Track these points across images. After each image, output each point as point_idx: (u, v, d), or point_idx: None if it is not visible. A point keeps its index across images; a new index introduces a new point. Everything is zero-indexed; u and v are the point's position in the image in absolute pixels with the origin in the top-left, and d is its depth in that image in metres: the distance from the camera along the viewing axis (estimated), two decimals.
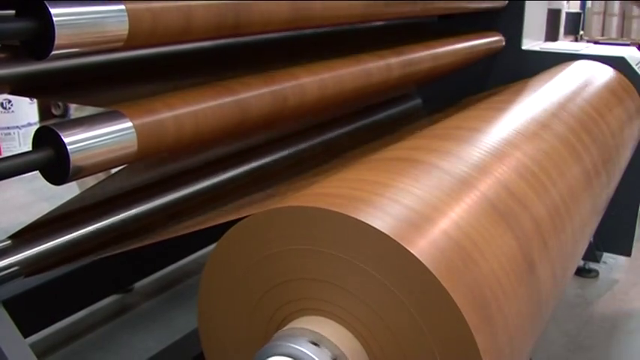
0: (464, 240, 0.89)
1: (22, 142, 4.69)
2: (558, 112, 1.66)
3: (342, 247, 0.84)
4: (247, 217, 0.91)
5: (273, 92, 1.30)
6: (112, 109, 1.04)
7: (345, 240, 0.84)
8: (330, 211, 0.84)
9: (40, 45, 0.92)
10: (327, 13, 1.41)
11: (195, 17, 1.09)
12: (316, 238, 0.86)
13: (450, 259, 0.84)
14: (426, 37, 2.09)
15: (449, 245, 0.86)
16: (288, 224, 0.88)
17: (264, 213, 0.90)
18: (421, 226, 0.86)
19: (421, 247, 0.82)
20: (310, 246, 0.86)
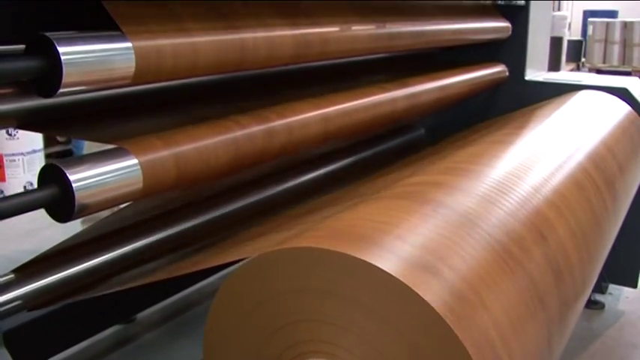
0: (472, 281, 0.89)
1: (26, 168, 4.69)
2: (564, 146, 1.66)
3: (349, 288, 0.83)
4: (254, 257, 0.90)
5: (277, 127, 1.29)
6: (117, 146, 1.04)
7: (352, 281, 0.83)
8: (337, 252, 0.83)
9: (48, 83, 0.93)
10: (331, 47, 1.42)
11: (201, 54, 1.09)
12: (323, 279, 0.85)
13: (458, 301, 0.83)
14: (429, 68, 2.10)
15: (457, 287, 0.85)
16: (295, 265, 0.87)
17: (270, 253, 0.89)
18: (429, 268, 0.85)
19: (429, 290, 0.81)
20: (318, 287, 0.86)
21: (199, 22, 1.11)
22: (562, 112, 2.06)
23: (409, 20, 1.77)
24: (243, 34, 1.18)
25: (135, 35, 0.99)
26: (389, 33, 1.64)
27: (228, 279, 0.94)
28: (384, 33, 1.62)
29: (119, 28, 0.99)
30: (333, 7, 1.47)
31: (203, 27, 1.11)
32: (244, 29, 1.19)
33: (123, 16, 1.00)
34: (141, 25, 1.02)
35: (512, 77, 2.64)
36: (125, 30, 0.99)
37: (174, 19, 1.07)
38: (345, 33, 1.47)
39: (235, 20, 1.18)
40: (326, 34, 1.41)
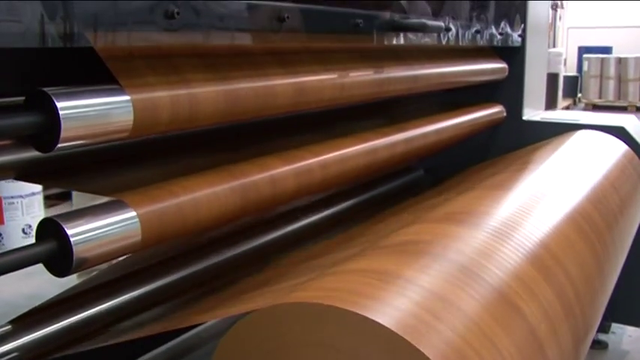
0: (474, 332, 0.88)
1: (25, 211, 4.68)
2: (563, 188, 1.66)
3: (350, 343, 0.82)
4: (253, 312, 0.89)
5: (275, 175, 1.29)
6: (115, 198, 1.04)
7: (353, 337, 0.82)
8: (338, 308, 0.82)
9: (46, 138, 0.93)
10: (330, 94, 1.43)
11: (200, 105, 1.09)
12: (324, 334, 0.84)
13: (459, 355, 0.82)
14: (427, 110, 2.11)
15: (459, 340, 0.84)
16: (295, 320, 0.86)
17: (270, 309, 0.88)
18: (430, 322, 0.84)
19: (430, 344, 0.80)
20: (319, 342, 0.84)
21: (197, 73, 1.12)
22: (560, 153, 2.06)
23: (406, 64, 1.78)
24: (241, 84, 1.19)
25: (133, 88, 1.00)
26: (387, 78, 1.65)
27: (227, 334, 0.93)
28: (381, 78, 1.63)
29: (117, 81, 0.99)
30: (331, 55, 1.48)
31: (201, 78, 1.12)
32: (242, 79, 1.19)
33: (121, 69, 1.00)
34: (139, 78, 1.02)
35: (509, 117, 2.65)
36: (123, 83, 0.99)
37: (172, 71, 1.08)
38: (343, 80, 1.48)
39: (233, 70, 1.19)
40: (324, 81, 1.41)
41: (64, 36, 0.89)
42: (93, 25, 0.93)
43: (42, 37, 0.86)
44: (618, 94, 10.64)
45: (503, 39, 2.45)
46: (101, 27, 0.94)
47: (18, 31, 0.83)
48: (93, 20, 0.92)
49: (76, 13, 0.89)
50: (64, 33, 0.88)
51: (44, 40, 0.86)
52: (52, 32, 0.87)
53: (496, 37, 2.39)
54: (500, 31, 2.41)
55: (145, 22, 0.99)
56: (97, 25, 0.93)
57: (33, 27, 0.84)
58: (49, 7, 0.85)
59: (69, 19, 0.89)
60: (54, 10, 0.86)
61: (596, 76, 10.71)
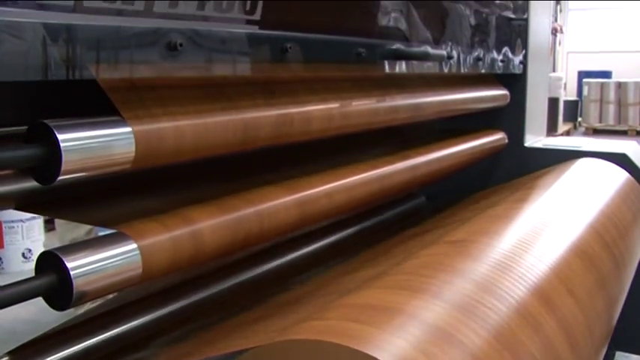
0: None
1: (25, 235, 4.67)
2: (565, 218, 1.65)
3: None
4: (251, 350, 0.88)
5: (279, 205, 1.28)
6: (116, 230, 1.03)
7: None
8: (338, 345, 0.81)
9: (47, 170, 0.92)
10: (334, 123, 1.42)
11: (202, 136, 1.09)
12: None
13: None
14: (429, 137, 2.11)
15: None
16: (295, 357, 0.85)
17: (269, 346, 0.87)
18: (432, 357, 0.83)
19: None
20: None
21: (201, 104, 1.11)
22: (562, 182, 2.06)
23: (408, 92, 1.78)
24: (246, 114, 1.18)
25: (135, 120, 0.99)
26: (389, 106, 1.65)
27: None
28: (384, 107, 1.63)
29: (119, 112, 0.98)
30: (334, 84, 1.48)
31: (205, 109, 1.11)
32: (246, 109, 1.19)
33: (123, 100, 0.99)
34: (141, 109, 1.01)
35: (511, 144, 2.65)
36: (125, 115, 0.98)
37: (175, 102, 1.07)
38: (346, 109, 1.48)
39: (237, 100, 1.18)
40: (328, 110, 1.41)
41: (67, 68, 0.88)
42: (95, 56, 0.92)
43: (44, 69, 0.85)
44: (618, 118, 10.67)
45: (505, 66, 2.46)
46: (104, 59, 0.94)
47: (20, 64, 0.83)
48: (95, 52, 0.92)
49: (79, 44, 0.89)
50: (66, 65, 0.88)
51: (46, 72, 0.86)
52: (54, 65, 0.86)
53: (498, 64, 2.39)
54: (501, 58, 2.42)
55: (147, 53, 0.99)
56: (100, 57, 0.93)
57: (35, 60, 0.84)
58: (50, 40, 0.85)
59: (71, 51, 0.88)
60: (56, 42, 0.86)
61: (597, 100, 10.74)
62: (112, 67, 0.96)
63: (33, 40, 0.84)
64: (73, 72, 0.89)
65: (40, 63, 0.85)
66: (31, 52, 0.84)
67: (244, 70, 1.18)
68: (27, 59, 0.83)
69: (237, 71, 1.16)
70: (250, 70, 1.19)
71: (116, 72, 0.96)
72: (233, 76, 1.17)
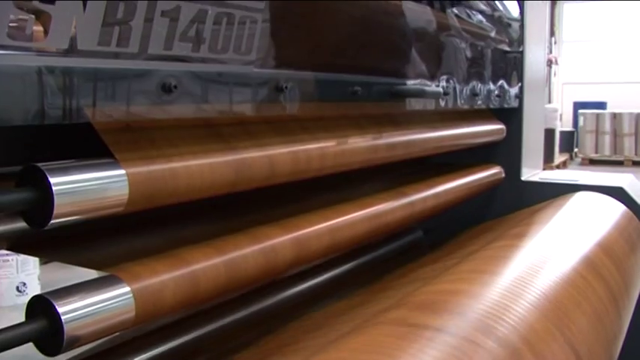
0: None
1: (19, 269, 4.64)
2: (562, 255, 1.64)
3: None
4: None
5: (274, 245, 1.27)
6: (108, 274, 1.01)
7: None
8: None
9: (39, 214, 0.91)
10: (329, 162, 1.42)
11: (197, 177, 1.08)
12: None
13: None
14: (425, 173, 2.10)
15: None
16: None
17: None
18: None
19: None
20: None
21: (195, 145, 1.10)
22: (559, 217, 2.05)
23: (405, 129, 1.78)
24: (239, 154, 1.17)
25: (128, 162, 0.98)
26: (385, 144, 1.65)
27: None
28: (380, 144, 1.63)
29: (112, 155, 0.97)
30: (329, 122, 1.48)
31: (199, 150, 1.10)
32: (240, 150, 1.18)
33: (116, 142, 0.99)
34: (134, 151, 1.01)
35: (508, 177, 2.65)
36: (118, 157, 0.97)
37: (168, 143, 1.07)
38: (342, 147, 1.47)
39: (231, 141, 1.18)
40: (322, 149, 1.40)
41: (62, 113, 0.88)
42: (89, 99, 0.92)
43: (41, 114, 0.85)
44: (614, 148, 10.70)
45: (501, 100, 2.46)
46: (97, 101, 0.93)
47: (16, 109, 0.82)
48: (89, 94, 0.92)
49: (73, 87, 0.89)
50: (62, 109, 0.88)
51: (42, 117, 0.85)
52: (49, 109, 0.86)
53: (494, 99, 2.40)
54: (497, 93, 2.42)
55: (142, 95, 0.98)
56: (94, 99, 0.93)
57: (30, 105, 0.83)
58: (44, 83, 0.85)
59: (65, 94, 0.88)
60: (50, 85, 0.85)
61: (592, 131, 10.79)
62: (106, 109, 0.95)
63: (27, 83, 0.83)
64: (66, 115, 0.89)
65: (34, 107, 0.84)
66: (24, 96, 0.83)
67: (240, 110, 1.18)
68: (20, 104, 0.83)
69: (233, 111, 1.16)
70: (246, 110, 1.19)
71: (110, 114, 0.96)
72: (228, 116, 1.16)
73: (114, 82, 0.94)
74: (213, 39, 1.07)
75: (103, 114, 0.95)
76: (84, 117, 0.91)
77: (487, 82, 2.33)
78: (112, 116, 0.96)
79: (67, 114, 0.89)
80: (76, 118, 0.90)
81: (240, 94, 1.16)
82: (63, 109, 0.88)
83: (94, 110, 0.93)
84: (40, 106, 0.85)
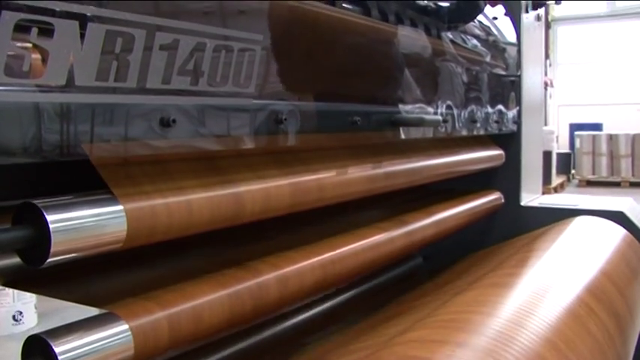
0: None
1: (16, 298, 4.60)
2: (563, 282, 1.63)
3: None
4: None
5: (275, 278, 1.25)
6: (106, 311, 0.99)
7: None
8: None
9: (36, 252, 0.89)
10: (329, 193, 1.41)
11: (195, 211, 1.06)
12: None
13: None
14: (425, 200, 2.09)
15: None
16: None
17: None
18: None
19: None
20: None
21: (193, 179, 1.09)
22: (560, 243, 2.04)
23: (404, 158, 1.77)
24: (239, 187, 1.16)
25: (126, 197, 0.97)
26: (385, 173, 1.64)
27: None
28: (379, 173, 1.62)
29: (110, 190, 0.96)
30: (329, 152, 1.47)
31: (197, 184, 1.09)
32: (239, 182, 1.17)
33: (114, 177, 0.97)
34: (132, 187, 0.99)
35: (507, 203, 2.64)
36: (116, 192, 0.96)
37: (167, 178, 1.05)
38: (341, 177, 1.46)
39: (230, 174, 1.16)
40: (322, 180, 1.39)
41: (60, 149, 0.87)
42: (87, 134, 0.91)
43: (38, 152, 0.84)
44: (611, 170, 10.71)
45: (499, 126, 2.46)
46: (96, 136, 0.92)
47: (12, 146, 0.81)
48: (87, 129, 0.91)
49: (71, 125, 0.87)
50: (59, 146, 0.86)
51: (40, 154, 0.84)
52: (46, 146, 0.85)
53: (492, 125, 2.39)
54: (496, 119, 2.42)
55: (140, 130, 0.97)
56: (92, 134, 0.91)
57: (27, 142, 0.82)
58: (43, 122, 0.84)
59: (64, 132, 0.87)
60: (49, 124, 0.84)
61: (589, 152, 10.81)
62: (104, 144, 0.94)
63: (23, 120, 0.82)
64: (64, 152, 0.88)
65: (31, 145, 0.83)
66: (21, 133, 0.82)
67: (239, 142, 1.16)
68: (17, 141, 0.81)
69: (232, 144, 1.15)
70: (245, 142, 1.18)
71: (107, 149, 0.95)
72: (227, 149, 1.15)
73: (112, 117, 0.93)
74: (212, 72, 1.06)
75: (100, 149, 0.93)
76: (81, 153, 0.90)
77: (485, 108, 2.33)
78: (110, 151, 0.95)
79: (64, 151, 0.88)
80: (73, 155, 0.89)
81: (239, 126, 1.15)
82: (60, 146, 0.87)
83: (91, 145, 0.92)
84: (37, 144, 0.84)
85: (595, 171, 10.83)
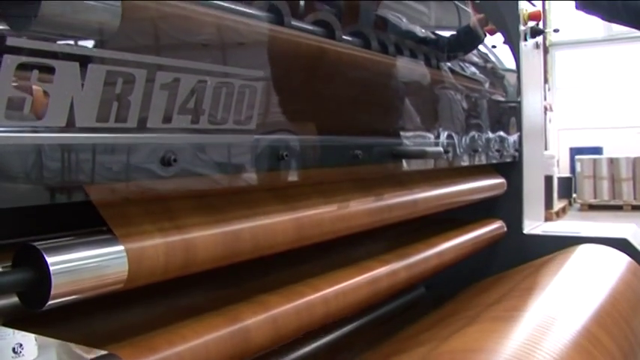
0: None
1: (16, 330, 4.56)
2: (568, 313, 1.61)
3: None
4: None
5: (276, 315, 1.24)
6: (109, 353, 0.98)
7: None
8: None
9: (36, 295, 0.88)
10: (330, 227, 1.40)
11: (198, 251, 1.05)
12: None
13: None
14: (427, 230, 2.08)
15: None
16: None
17: None
18: None
19: None
20: None
21: (195, 217, 1.08)
22: (564, 272, 2.02)
23: (406, 190, 1.76)
24: (241, 224, 1.15)
25: (127, 237, 0.96)
26: (387, 205, 1.63)
27: None
28: (382, 206, 1.61)
29: (111, 230, 0.95)
30: (331, 186, 1.46)
31: (198, 222, 1.08)
32: (241, 219, 1.16)
33: (115, 217, 0.97)
34: (133, 226, 0.98)
35: (510, 231, 2.63)
36: (117, 232, 0.95)
37: (168, 216, 1.04)
38: (344, 211, 1.45)
39: (232, 211, 1.16)
40: (324, 214, 1.39)
41: (60, 191, 0.86)
42: (90, 176, 0.90)
43: (38, 195, 0.83)
44: (613, 193, 10.69)
45: (501, 155, 2.46)
46: (97, 177, 0.91)
47: (12, 189, 0.80)
48: (89, 171, 0.90)
49: (72, 166, 0.87)
50: (60, 188, 0.86)
51: (40, 197, 0.83)
52: (47, 189, 0.84)
53: (494, 154, 2.39)
54: (497, 148, 2.41)
55: (141, 170, 0.96)
56: (92, 174, 0.91)
57: (28, 185, 0.82)
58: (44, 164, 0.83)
59: (65, 173, 0.86)
60: (49, 166, 0.84)
61: (590, 176, 10.79)
62: (104, 184, 0.93)
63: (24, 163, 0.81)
64: (64, 194, 0.87)
65: (31, 188, 0.82)
66: (21, 176, 0.81)
67: (240, 179, 1.16)
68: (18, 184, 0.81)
69: (232, 182, 1.14)
70: (246, 179, 1.17)
71: (108, 188, 0.94)
72: (227, 187, 1.14)
73: (112, 157, 0.93)
74: (213, 109, 1.05)
75: (101, 189, 0.93)
76: (82, 194, 0.89)
77: (487, 136, 2.33)
78: (111, 191, 0.94)
79: (65, 192, 0.87)
80: (75, 195, 0.89)
81: (240, 163, 1.15)
82: (61, 188, 0.86)
83: (92, 186, 0.91)
84: (37, 186, 0.83)
85: (597, 195, 10.79)
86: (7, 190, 0.80)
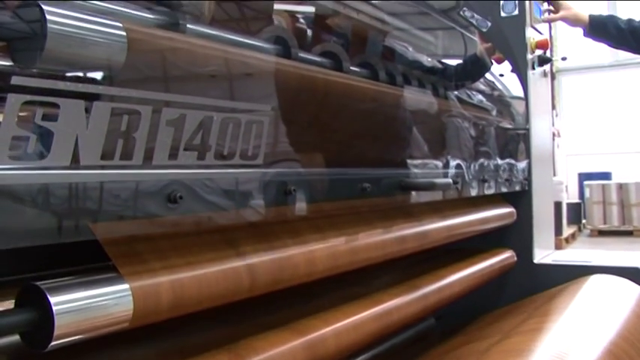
0: None
1: None
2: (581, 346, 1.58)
3: None
4: None
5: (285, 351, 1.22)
6: None
7: None
8: None
9: (39, 335, 0.86)
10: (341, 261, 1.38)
11: (204, 288, 1.04)
12: None
13: None
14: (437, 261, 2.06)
15: None
16: None
17: None
18: None
19: None
20: None
21: (200, 254, 1.06)
22: (575, 306, 1.99)
23: (416, 221, 1.74)
24: (249, 259, 1.13)
25: (133, 275, 0.94)
26: (397, 237, 1.61)
27: None
28: (392, 238, 1.59)
29: (116, 268, 0.94)
30: (340, 219, 1.44)
31: (204, 258, 1.06)
32: (250, 255, 1.14)
33: (120, 255, 0.95)
34: (139, 264, 0.97)
35: (520, 261, 2.60)
36: (123, 270, 0.94)
37: (174, 254, 1.03)
38: (353, 245, 1.44)
39: (239, 246, 1.14)
40: (334, 248, 1.37)
41: (66, 230, 0.85)
42: (94, 215, 0.89)
43: (43, 234, 0.82)
44: (622, 219, 10.61)
45: (510, 184, 2.44)
46: (102, 216, 0.90)
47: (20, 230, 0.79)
48: (94, 210, 0.89)
49: (77, 205, 0.86)
50: (65, 227, 0.85)
51: (45, 237, 0.82)
52: (51, 229, 0.83)
53: (503, 184, 2.37)
54: (506, 177, 2.40)
55: (147, 208, 0.95)
56: (99, 214, 0.90)
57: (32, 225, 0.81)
58: (48, 204, 0.82)
59: (70, 213, 0.85)
60: (54, 205, 0.83)
61: (599, 202, 10.71)
62: (110, 222, 0.92)
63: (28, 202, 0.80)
64: (69, 233, 0.86)
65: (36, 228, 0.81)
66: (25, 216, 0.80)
67: (248, 214, 1.14)
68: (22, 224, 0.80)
69: (239, 218, 1.12)
70: (254, 214, 1.15)
71: (114, 227, 0.93)
72: (234, 223, 1.13)
73: (117, 195, 0.91)
74: (219, 145, 1.04)
75: (107, 227, 0.91)
76: (87, 232, 0.88)
77: (496, 166, 2.31)
78: (117, 229, 0.93)
79: (70, 231, 0.86)
80: (80, 234, 0.87)
81: (247, 199, 1.13)
82: (66, 227, 0.85)
83: (97, 224, 0.90)
84: (42, 226, 0.82)
85: (606, 220, 10.71)
86: (12, 230, 0.79)
